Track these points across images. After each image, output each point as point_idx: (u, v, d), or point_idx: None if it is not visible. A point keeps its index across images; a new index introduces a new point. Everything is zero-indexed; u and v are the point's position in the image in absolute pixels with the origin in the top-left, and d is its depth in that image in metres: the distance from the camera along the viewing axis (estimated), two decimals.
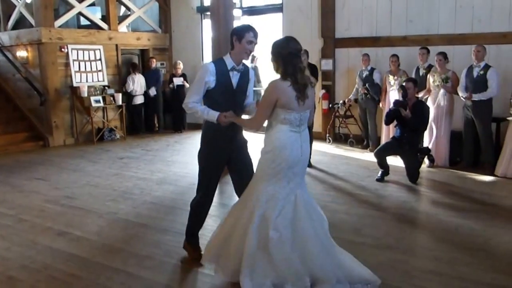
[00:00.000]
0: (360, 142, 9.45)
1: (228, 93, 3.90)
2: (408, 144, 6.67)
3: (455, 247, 4.46)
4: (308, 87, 3.53)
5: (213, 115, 3.80)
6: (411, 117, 6.56)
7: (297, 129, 3.58)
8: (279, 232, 3.48)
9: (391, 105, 8.08)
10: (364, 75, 9.00)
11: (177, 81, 11.53)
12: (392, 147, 6.86)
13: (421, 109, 6.70)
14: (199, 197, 4.17)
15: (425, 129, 7.00)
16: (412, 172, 6.72)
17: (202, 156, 4.05)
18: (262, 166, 3.66)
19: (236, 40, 3.83)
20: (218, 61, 3.94)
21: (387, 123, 7.29)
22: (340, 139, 9.99)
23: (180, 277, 3.98)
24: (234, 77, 3.91)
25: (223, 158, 4.03)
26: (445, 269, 3.96)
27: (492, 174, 7.08)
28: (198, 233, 4.32)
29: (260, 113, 3.59)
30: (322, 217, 3.72)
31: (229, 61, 3.88)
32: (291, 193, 3.59)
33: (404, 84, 6.90)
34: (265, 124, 3.70)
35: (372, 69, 8.95)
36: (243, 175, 3.99)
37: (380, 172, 6.93)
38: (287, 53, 3.47)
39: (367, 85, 8.87)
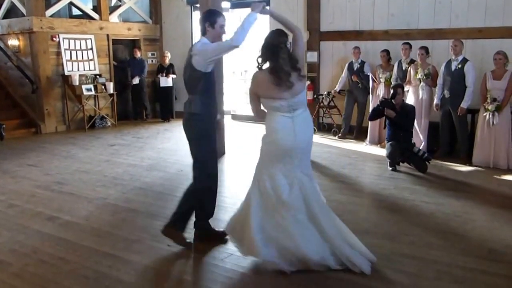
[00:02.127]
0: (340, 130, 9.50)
1: None
2: (406, 142, 6.85)
3: (430, 232, 4.59)
4: (291, 75, 3.61)
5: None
6: (401, 119, 6.79)
7: (288, 114, 3.67)
8: (292, 211, 3.64)
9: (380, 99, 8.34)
10: (355, 68, 9.13)
11: (164, 82, 11.71)
12: (400, 152, 6.89)
13: (409, 111, 6.94)
14: None
15: (412, 127, 7.14)
16: (421, 170, 6.82)
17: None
18: (261, 152, 3.85)
19: (209, 26, 3.99)
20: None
21: (372, 119, 7.53)
22: (323, 128, 10.16)
23: (168, 261, 4.02)
24: None
25: None
26: (420, 253, 4.08)
27: (466, 163, 7.27)
28: None
29: (251, 105, 3.88)
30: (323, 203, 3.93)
31: None
32: (290, 175, 3.69)
33: (393, 87, 7.12)
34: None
35: (363, 62, 9.10)
36: None
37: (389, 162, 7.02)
38: (270, 45, 3.65)
39: (360, 74, 9.01)
